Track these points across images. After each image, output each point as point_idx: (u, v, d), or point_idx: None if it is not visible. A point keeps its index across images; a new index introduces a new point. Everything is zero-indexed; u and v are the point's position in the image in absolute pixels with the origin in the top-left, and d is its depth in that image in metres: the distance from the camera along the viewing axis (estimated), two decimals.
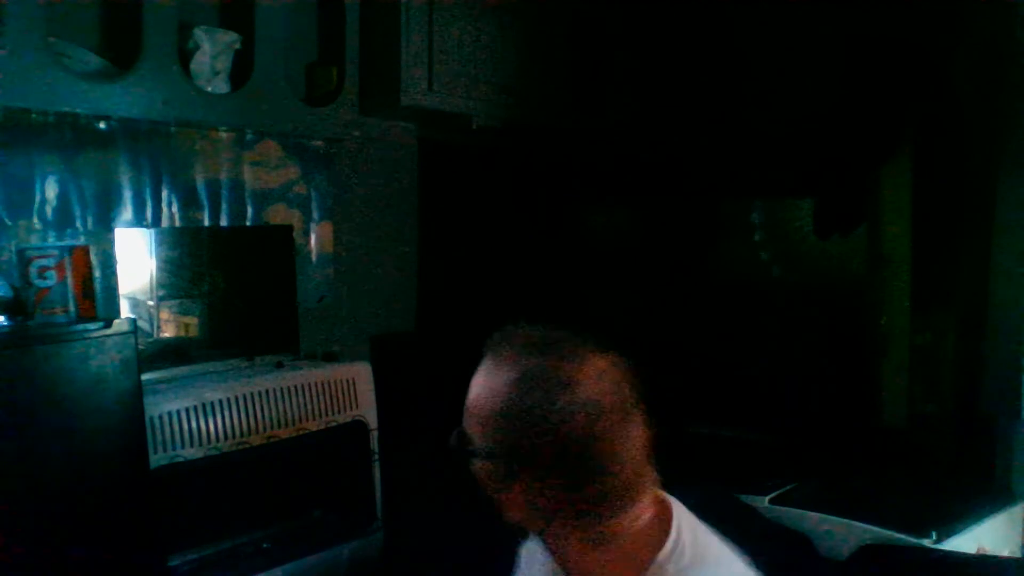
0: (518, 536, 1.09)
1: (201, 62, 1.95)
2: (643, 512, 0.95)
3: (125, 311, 1.91)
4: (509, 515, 0.95)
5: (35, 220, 1.77)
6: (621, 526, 0.93)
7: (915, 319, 2.47)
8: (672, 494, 1.01)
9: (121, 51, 1.86)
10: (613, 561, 0.94)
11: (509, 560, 1.15)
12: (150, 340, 1.95)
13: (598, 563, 0.94)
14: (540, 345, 0.93)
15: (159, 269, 1.98)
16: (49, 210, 1.79)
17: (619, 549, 0.94)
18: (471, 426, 0.95)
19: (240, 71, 2.02)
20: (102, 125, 1.85)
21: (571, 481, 0.90)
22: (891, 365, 2.50)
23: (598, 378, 0.90)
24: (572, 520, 0.92)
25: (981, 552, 1.94)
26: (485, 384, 0.94)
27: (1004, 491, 2.19)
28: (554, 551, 0.98)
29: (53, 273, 1.53)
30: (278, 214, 2.22)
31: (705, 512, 1.02)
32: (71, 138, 1.81)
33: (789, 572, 1.05)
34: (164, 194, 1.98)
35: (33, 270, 1.52)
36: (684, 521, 0.97)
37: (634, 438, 0.92)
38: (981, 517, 2.01)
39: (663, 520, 0.96)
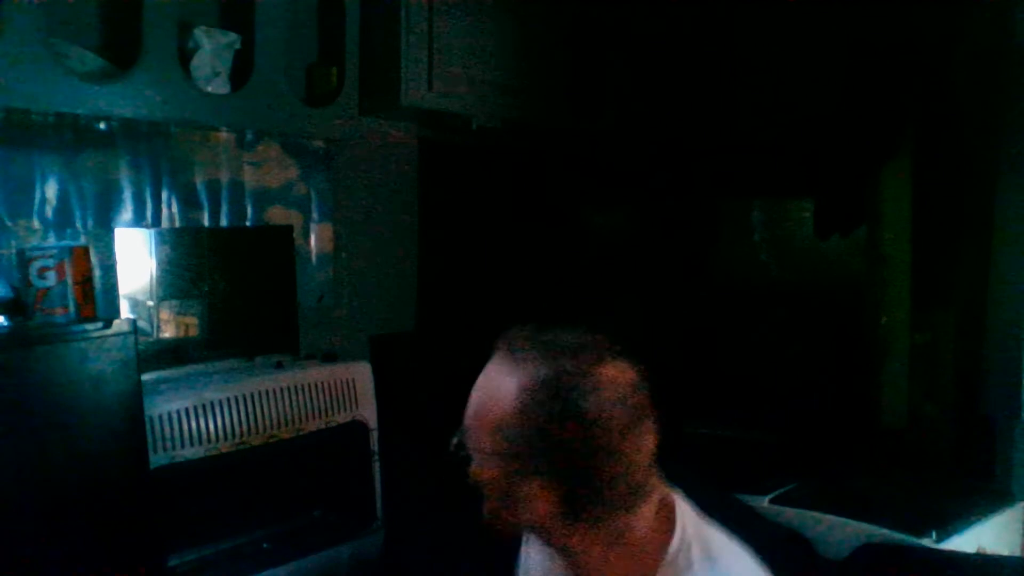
0: (507, 542, 1.09)
1: (201, 62, 1.94)
2: (651, 511, 0.95)
3: (125, 311, 1.90)
4: (524, 518, 0.94)
5: (35, 220, 1.77)
6: (632, 525, 0.94)
7: (915, 319, 2.47)
8: None
9: (121, 51, 1.85)
10: (624, 559, 0.94)
11: (509, 560, 1.15)
12: (150, 340, 1.95)
13: (609, 563, 0.94)
14: (559, 348, 0.92)
15: (159, 269, 1.98)
16: (49, 210, 1.79)
17: (629, 548, 0.94)
18: (481, 430, 0.93)
19: (240, 71, 2.02)
20: (102, 125, 1.85)
21: (592, 482, 0.90)
22: (891, 365, 2.50)
23: (618, 381, 0.91)
24: (588, 520, 0.92)
25: (981, 552, 1.94)
26: (499, 388, 0.92)
27: (1004, 491, 2.19)
28: (566, 553, 0.97)
29: (53, 273, 1.52)
30: (278, 214, 2.22)
31: (705, 512, 1.02)
32: (71, 138, 1.81)
33: (789, 572, 1.05)
34: (164, 194, 1.98)
35: (33, 270, 1.51)
36: (689, 518, 0.98)
37: (647, 439, 0.93)
38: (981, 517, 2.01)
39: (669, 518, 0.97)
